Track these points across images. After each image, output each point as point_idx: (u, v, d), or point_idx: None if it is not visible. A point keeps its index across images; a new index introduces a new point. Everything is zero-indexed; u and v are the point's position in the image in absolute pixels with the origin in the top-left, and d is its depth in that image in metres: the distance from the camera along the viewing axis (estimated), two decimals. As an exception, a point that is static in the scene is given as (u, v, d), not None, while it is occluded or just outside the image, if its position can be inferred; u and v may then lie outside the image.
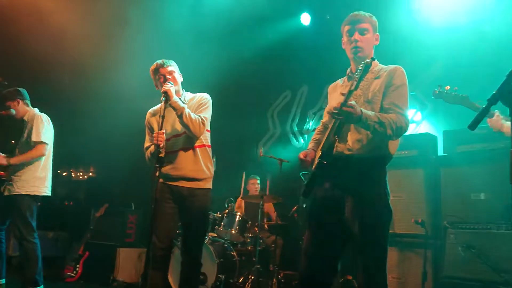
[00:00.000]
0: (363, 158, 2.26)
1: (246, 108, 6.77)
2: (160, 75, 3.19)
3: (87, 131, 6.41)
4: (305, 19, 6.62)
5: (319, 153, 2.33)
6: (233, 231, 5.07)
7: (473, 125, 1.55)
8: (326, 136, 2.34)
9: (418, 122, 5.53)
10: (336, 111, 2.10)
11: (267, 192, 5.60)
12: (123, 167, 6.66)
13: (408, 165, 4.32)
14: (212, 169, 3.26)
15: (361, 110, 2.12)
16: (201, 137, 3.18)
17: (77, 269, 5.41)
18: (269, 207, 6.01)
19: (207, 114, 3.19)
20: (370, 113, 2.16)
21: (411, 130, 5.44)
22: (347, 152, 2.29)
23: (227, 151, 5.88)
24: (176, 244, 4.70)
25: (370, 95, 2.32)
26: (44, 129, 4.02)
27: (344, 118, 2.12)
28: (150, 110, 3.41)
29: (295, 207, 5.41)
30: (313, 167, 2.35)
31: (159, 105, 3.14)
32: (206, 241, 4.83)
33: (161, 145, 2.98)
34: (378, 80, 2.36)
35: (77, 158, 6.67)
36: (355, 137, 2.30)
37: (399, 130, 2.21)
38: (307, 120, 6.78)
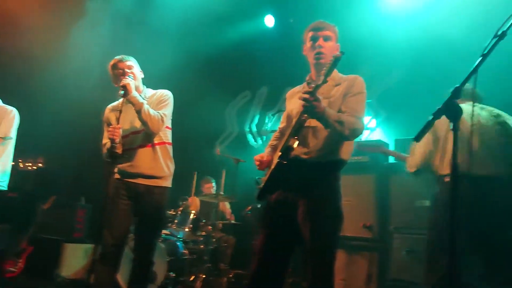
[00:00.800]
0: (318, 162, 2.31)
1: (204, 106, 6.71)
2: (119, 70, 3.10)
3: (38, 121, 6.13)
4: (269, 21, 6.67)
5: (277, 154, 2.36)
6: (186, 229, 5.04)
7: (418, 137, 1.63)
8: (285, 137, 2.38)
9: (372, 129, 5.71)
10: (305, 100, 2.10)
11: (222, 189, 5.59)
12: (75, 160, 6.44)
13: (360, 171, 4.45)
14: (172, 167, 3.22)
15: (325, 107, 2.18)
16: (161, 134, 3.13)
17: (19, 263, 5.17)
18: (224, 206, 6.01)
19: (167, 110, 3.13)
20: (332, 111, 2.24)
21: (365, 136, 5.62)
22: (302, 156, 2.33)
23: (182, 148, 5.81)
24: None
25: (329, 101, 2.38)
26: (15, 124, 3.92)
27: (309, 110, 2.12)
28: (109, 106, 3.32)
29: (249, 207, 5.45)
30: (271, 168, 2.39)
31: (118, 101, 3.08)
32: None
33: (117, 140, 2.91)
34: (339, 87, 2.43)
35: (25, 148, 6.36)
36: (311, 142, 2.35)
37: (355, 131, 2.29)
38: (266, 121, 6.83)
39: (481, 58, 1.76)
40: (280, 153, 2.31)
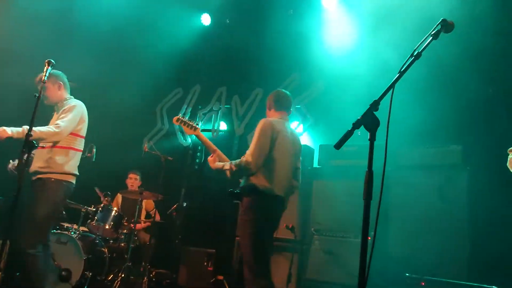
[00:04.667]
0: (242, 186, 3.20)
1: (133, 101, 6.50)
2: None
3: None
4: (206, 19, 6.63)
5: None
6: (106, 227, 4.85)
7: (338, 145, 1.72)
8: None
9: (300, 134, 5.89)
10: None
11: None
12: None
13: (286, 174, 4.55)
14: (67, 167, 3.38)
15: (214, 163, 3.24)
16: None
17: None
18: (148, 203, 5.86)
19: (65, 119, 3.33)
20: (219, 164, 3.20)
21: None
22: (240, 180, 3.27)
23: (109, 144, 5.60)
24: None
25: None
26: None
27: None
28: None
29: (175, 206, 5.37)
30: None
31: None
32: (75, 236, 4.54)
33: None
34: None
35: None
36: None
37: (237, 172, 3.11)
38: (197, 119, 6.77)
39: (398, 74, 1.91)
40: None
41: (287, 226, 4.36)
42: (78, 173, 3.53)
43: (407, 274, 3.76)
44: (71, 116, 3.39)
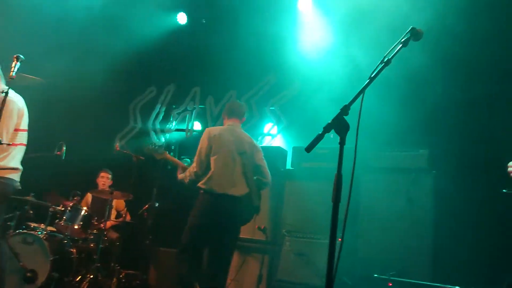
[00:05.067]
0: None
1: (105, 99, 6.38)
2: None
3: None
4: (182, 18, 6.58)
5: None
6: (75, 226, 4.74)
7: (309, 148, 1.75)
8: None
9: (273, 136, 5.92)
10: None
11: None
12: None
13: (258, 176, 4.57)
14: (7, 162, 3.20)
15: (179, 176, 3.74)
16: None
17: None
18: (119, 203, 5.77)
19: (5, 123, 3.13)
20: (182, 175, 3.71)
21: (267, 142, 5.84)
22: None
23: (80, 142, 5.50)
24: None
25: None
26: None
27: None
28: None
29: (146, 206, 5.31)
30: None
31: None
32: (42, 235, 4.42)
33: None
34: None
35: None
36: None
37: (190, 178, 3.60)
38: (171, 119, 6.71)
39: (368, 80, 1.95)
40: None
41: (259, 227, 4.39)
42: (21, 167, 3.34)
43: (375, 275, 3.84)
44: (9, 116, 3.16)
